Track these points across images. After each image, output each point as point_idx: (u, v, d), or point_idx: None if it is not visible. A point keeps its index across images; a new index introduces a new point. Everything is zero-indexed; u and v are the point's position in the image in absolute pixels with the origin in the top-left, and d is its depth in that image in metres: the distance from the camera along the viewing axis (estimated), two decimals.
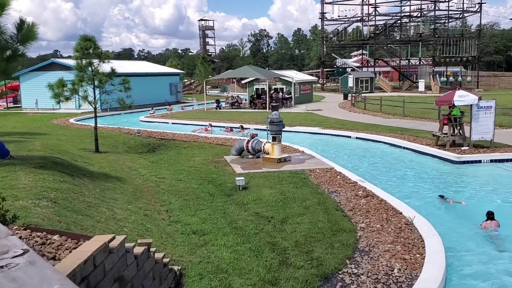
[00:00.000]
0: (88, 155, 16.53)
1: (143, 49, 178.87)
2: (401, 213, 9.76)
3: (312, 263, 7.25)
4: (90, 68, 17.76)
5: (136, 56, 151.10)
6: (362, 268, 7.14)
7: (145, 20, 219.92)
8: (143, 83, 42.31)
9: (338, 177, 13.12)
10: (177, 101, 48.52)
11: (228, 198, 11.35)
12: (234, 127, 25.84)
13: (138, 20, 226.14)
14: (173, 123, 30.97)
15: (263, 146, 15.84)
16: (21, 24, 10.33)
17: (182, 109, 41.63)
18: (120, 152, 19.89)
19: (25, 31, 10.37)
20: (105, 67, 18.28)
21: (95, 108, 18.71)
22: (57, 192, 8.04)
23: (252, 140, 16.32)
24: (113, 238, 4.83)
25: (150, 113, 37.13)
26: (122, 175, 13.33)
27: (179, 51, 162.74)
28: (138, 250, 5.41)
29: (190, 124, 29.09)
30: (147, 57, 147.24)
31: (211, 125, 26.93)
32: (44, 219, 6.11)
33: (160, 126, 29.37)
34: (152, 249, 5.84)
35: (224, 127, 26.58)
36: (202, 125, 27.45)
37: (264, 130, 16.58)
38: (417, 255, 7.55)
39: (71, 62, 42.72)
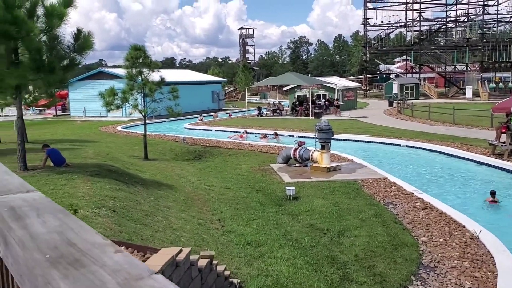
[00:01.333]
0: (138, 163, 16.75)
1: (184, 58, 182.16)
2: (464, 227, 9.26)
3: (375, 279, 6.93)
4: (140, 77, 18.04)
5: (177, 65, 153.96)
6: (430, 286, 6.76)
7: (186, 30, 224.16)
8: (187, 91, 42.82)
9: (393, 187, 12.67)
10: (219, 109, 48.87)
11: (279, 208, 11.14)
12: (269, 134, 25.71)
13: (179, 29, 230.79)
14: (216, 130, 31.11)
15: (311, 155, 15.55)
16: (78, 34, 10.57)
17: (230, 116, 41.88)
18: (168, 159, 20.09)
19: (82, 41, 10.60)
20: (154, 76, 18.55)
21: (144, 116, 18.99)
22: (115, 201, 8.08)
23: (299, 148, 16.07)
24: (180, 251, 4.72)
25: (199, 120, 37.56)
26: (173, 183, 13.38)
27: (219, 59, 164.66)
28: (202, 263, 5.29)
29: (232, 131, 29.14)
30: (189, 65, 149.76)
31: (246, 132, 26.91)
32: (107, 229, 6.10)
33: (204, 133, 29.56)
34: (214, 262, 5.71)
35: (259, 133, 26.54)
36: (239, 132, 27.50)
37: (310, 137, 16.30)
38: (488, 273, 7.09)
39: (117, 71, 43.92)
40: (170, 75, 44.01)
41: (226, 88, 73.54)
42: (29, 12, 9.35)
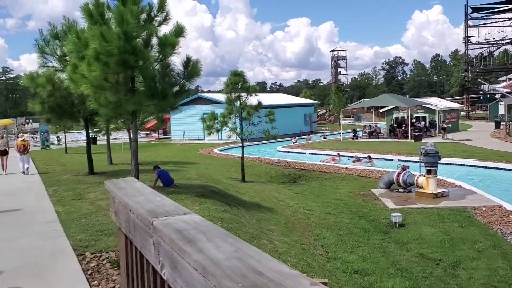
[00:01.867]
0: (237, 184, 17.06)
1: (275, 82, 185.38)
2: None
3: None
4: (238, 101, 18.55)
5: (268, 89, 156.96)
6: None
7: (277, 54, 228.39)
8: (280, 114, 43.25)
9: (511, 216, 11.54)
10: (311, 131, 48.69)
11: (385, 236, 10.62)
12: (362, 157, 24.90)
13: (270, 54, 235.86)
14: (310, 153, 30.89)
15: (416, 180, 14.73)
16: (187, 61, 11.12)
17: (324, 138, 41.57)
18: (264, 181, 20.26)
19: (191, 68, 11.12)
20: (252, 99, 18.97)
21: (242, 140, 19.40)
22: (222, 222, 8.22)
23: (403, 172, 15.32)
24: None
25: (293, 142, 37.70)
26: (272, 205, 13.40)
27: (310, 81, 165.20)
28: None
29: (326, 155, 28.72)
30: (279, 89, 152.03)
31: (339, 155, 26.33)
32: None
33: (297, 156, 29.49)
34: None
35: (352, 157, 25.83)
36: (331, 155, 27.02)
37: (411, 161, 15.47)
38: None
39: (214, 96, 45.77)
40: (264, 98, 44.87)
41: (318, 110, 73.27)
42: (145, 42, 10.06)
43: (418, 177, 14.73)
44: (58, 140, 50.72)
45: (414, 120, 36.60)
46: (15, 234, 7.19)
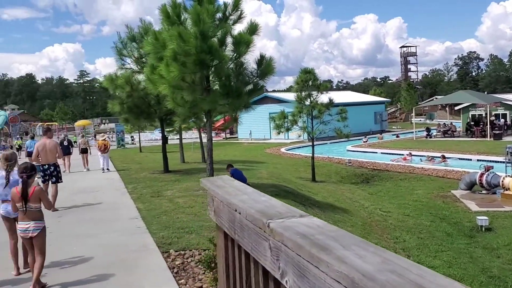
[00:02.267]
0: (308, 184, 16.82)
1: (342, 80, 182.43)
2: None
3: None
4: (309, 99, 18.28)
5: (334, 87, 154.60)
6: None
7: (343, 52, 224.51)
8: (349, 113, 42.43)
9: None
10: (382, 130, 47.22)
11: (470, 240, 9.95)
12: (435, 157, 23.64)
13: (336, 52, 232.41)
14: (381, 153, 29.90)
15: (502, 181, 13.72)
16: (261, 59, 11.04)
17: (397, 137, 40.23)
18: (335, 181, 19.83)
19: (264, 66, 11.03)
20: (323, 97, 18.62)
21: (312, 139, 19.13)
22: None
23: (486, 173, 14.34)
24: None
25: (363, 141, 36.79)
26: (346, 206, 13.03)
27: (378, 79, 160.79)
28: None
29: (397, 154, 27.63)
30: (346, 87, 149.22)
31: (411, 154, 25.19)
32: None
33: (368, 156, 28.66)
34: None
35: (424, 156, 24.62)
36: (402, 154, 25.94)
37: (493, 161, 14.43)
38: None
39: (281, 95, 45.67)
40: (332, 96, 44.27)
41: (388, 108, 71.07)
42: (220, 42, 10.11)
43: (504, 178, 13.73)
44: (132, 140, 53.01)
45: (493, 118, 34.37)
46: (101, 230, 7.44)
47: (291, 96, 41.90)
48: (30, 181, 4.92)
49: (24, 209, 4.79)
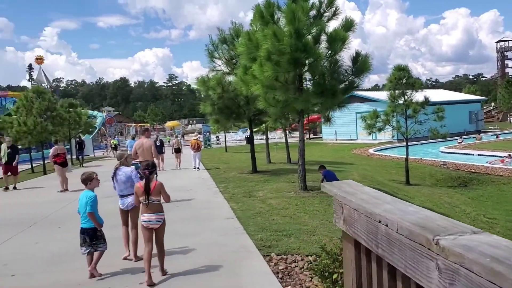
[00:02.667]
0: (403, 187, 16.01)
1: (430, 78, 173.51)
2: None
3: None
4: (403, 98, 17.40)
5: (423, 85, 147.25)
6: None
7: (432, 48, 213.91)
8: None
9: None
10: (477, 130, 44.04)
11: None
12: None
13: (424, 49, 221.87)
14: (479, 155, 27.79)
15: None
16: (356, 56, 10.60)
17: (497, 138, 37.38)
18: (429, 185, 18.70)
19: (360, 63, 10.57)
20: (417, 96, 17.64)
21: (406, 139, 18.18)
22: None
23: None
24: None
25: (458, 142, 34.61)
26: (445, 212, 12.15)
27: (470, 76, 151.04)
28: None
29: (498, 156, 25.47)
30: (435, 85, 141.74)
31: (510, 156, 23.03)
32: None
33: (464, 158, 26.77)
34: None
35: None
36: (500, 156, 23.81)
37: None
38: None
39: (368, 94, 44.28)
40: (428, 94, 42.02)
41: (484, 107, 66.33)
42: (315, 39, 9.84)
43: None
44: (217, 140, 54.47)
45: None
46: (199, 229, 7.50)
47: (378, 94, 40.56)
48: (151, 177, 5.30)
49: (146, 202, 5.18)
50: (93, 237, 5.40)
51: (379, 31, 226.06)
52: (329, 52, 10.02)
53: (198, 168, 18.98)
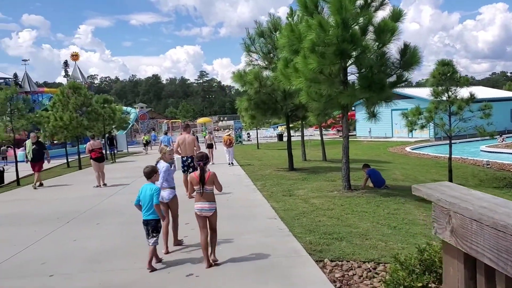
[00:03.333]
0: None
1: (465, 75, 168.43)
2: None
3: None
4: (446, 94, 16.57)
5: (469, 81, 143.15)
6: None
7: (467, 45, 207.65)
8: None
9: None
10: None
11: None
12: None
13: (458, 45, 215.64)
14: None
15: None
16: (404, 49, 9.99)
17: None
18: (472, 185, 17.78)
19: (408, 56, 9.97)
20: (462, 92, 16.77)
21: (450, 137, 17.33)
22: None
23: None
24: None
25: (499, 141, 33.21)
26: None
27: (508, 74, 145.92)
28: None
29: None
30: (472, 82, 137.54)
31: None
32: None
33: (504, 157, 25.56)
34: None
35: None
36: None
37: None
38: None
39: (405, 91, 42.98)
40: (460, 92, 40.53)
41: None
42: (362, 30, 9.29)
43: None
44: (248, 137, 54.20)
45: None
46: (243, 229, 7.11)
47: (414, 91, 39.33)
48: (205, 168, 5.57)
49: (201, 191, 5.45)
50: (154, 229, 5.51)
51: (413, 28, 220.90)
52: (377, 43, 9.45)
53: (232, 163, 19.24)
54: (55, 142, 33.32)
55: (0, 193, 14.12)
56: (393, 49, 10.01)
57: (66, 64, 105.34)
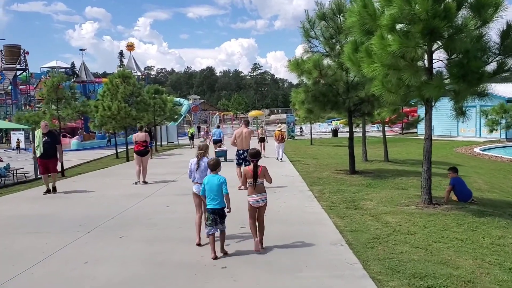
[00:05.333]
0: None
1: None
2: None
3: None
4: None
5: None
6: None
7: None
8: None
9: None
10: None
11: None
12: None
13: None
14: None
15: None
16: (507, 31, 7.86)
17: None
18: None
19: (510, 40, 7.83)
20: None
21: None
22: None
23: None
24: None
25: None
26: None
27: None
28: None
29: None
30: None
31: None
32: None
33: None
34: None
35: None
36: None
37: None
38: None
39: None
40: None
41: None
42: (457, 3, 7.30)
43: None
44: (301, 131, 52.20)
45: None
46: (297, 260, 5.37)
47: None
48: (257, 163, 6.06)
49: (254, 184, 5.97)
50: (222, 216, 5.81)
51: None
52: (473, 22, 7.39)
53: (281, 159, 18.89)
54: (63, 134, 32.68)
55: (36, 186, 13.20)
56: (492, 30, 7.91)
57: (121, 54, 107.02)
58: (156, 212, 8.65)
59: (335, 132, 47.89)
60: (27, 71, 51.74)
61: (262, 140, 21.94)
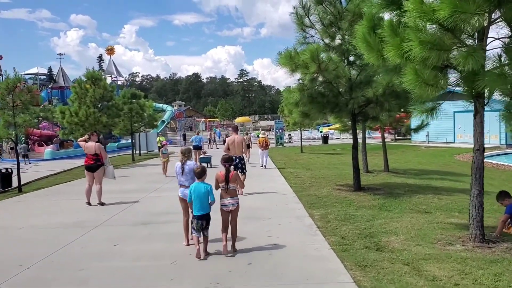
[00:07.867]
0: None
1: None
2: None
3: None
4: None
5: None
6: None
7: None
8: None
9: None
10: None
11: None
12: None
13: None
14: None
15: None
16: None
17: None
18: None
19: None
20: None
21: None
22: None
23: None
24: None
25: None
26: None
27: None
28: None
29: None
30: None
31: None
32: None
33: None
34: None
35: None
36: None
37: None
38: None
39: None
40: None
41: None
42: None
43: None
44: (290, 138, 49.83)
45: None
46: None
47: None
48: (230, 168, 6.28)
49: (226, 188, 6.17)
50: (208, 221, 6.02)
51: None
52: None
53: (265, 166, 18.68)
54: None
55: None
56: None
57: (100, 58, 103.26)
58: (95, 256, 6.14)
59: (325, 139, 45.64)
60: (1, 76, 48.67)
61: (247, 146, 21.07)
